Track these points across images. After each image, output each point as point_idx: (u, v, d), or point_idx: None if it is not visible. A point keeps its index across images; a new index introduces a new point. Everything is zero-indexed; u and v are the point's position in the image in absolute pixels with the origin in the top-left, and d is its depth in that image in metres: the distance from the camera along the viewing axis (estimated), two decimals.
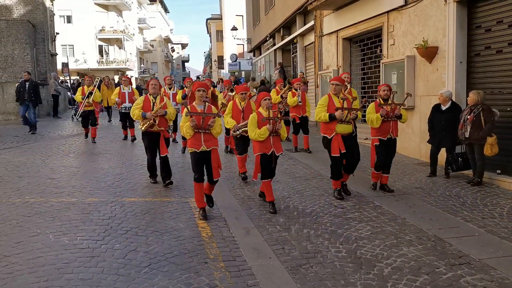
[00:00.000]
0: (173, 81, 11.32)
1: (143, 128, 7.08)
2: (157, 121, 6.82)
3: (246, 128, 6.51)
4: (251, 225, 5.32)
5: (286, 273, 4.01)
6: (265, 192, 5.93)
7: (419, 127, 8.96)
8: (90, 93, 11.62)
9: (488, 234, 4.88)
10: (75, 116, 17.35)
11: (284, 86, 10.91)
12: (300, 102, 9.86)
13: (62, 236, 4.95)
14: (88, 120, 11.79)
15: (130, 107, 10.84)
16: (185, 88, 9.89)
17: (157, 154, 7.17)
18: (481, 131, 6.61)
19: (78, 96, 11.97)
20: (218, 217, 5.64)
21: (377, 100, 6.57)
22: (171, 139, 8.07)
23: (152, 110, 6.89)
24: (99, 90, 13.28)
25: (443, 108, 7.31)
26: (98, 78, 13.66)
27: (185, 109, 5.41)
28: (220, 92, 11.07)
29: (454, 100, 7.54)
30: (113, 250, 4.55)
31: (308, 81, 16.16)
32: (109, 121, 16.94)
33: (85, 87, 11.89)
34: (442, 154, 7.54)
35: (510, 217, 5.42)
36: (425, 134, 8.00)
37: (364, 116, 7.46)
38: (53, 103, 19.53)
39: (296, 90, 9.91)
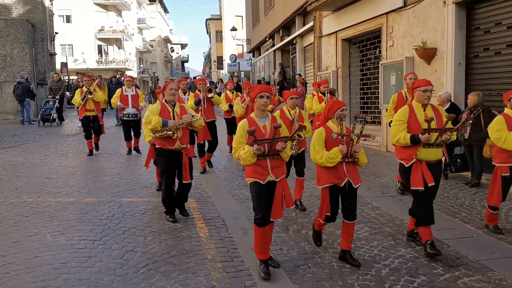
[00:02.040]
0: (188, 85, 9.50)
1: (149, 138, 5.60)
2: (177, 135, 5.24)
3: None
4: (249, 225, 5.30)
5: (284, 273, 4.00)
6: (315, 226, 4.48)
7: None
8: (89, 92, 9.65)
9: (486, 236, 4.88)
10: (42, 121, 15.64)
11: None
12: None
13: (60, 236, 4.94)
14: (91, 128, 9.88)
15: (134, 114, 9.53)
16: (197, 92, 8.25)
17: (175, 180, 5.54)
18: (480, 133, 6.61)
19: (76, 99, 9.75)
20: (216, 217, 5.63)
21: (505, 111, 4.93)
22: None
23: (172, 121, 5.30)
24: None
25: None
26: (98, 77, 11.59)
27: (239, 124, 4.02)
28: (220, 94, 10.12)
29: (452, 101, 7.54)
30: (110, 250, 4.55)
31: (307, 82, 16.17)
32: None
33: (84, 88, 9.82)
34: None
35: (508, 219, 5.42)
36: None
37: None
38: None
39: (323, 94, 8.34)
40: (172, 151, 5.28)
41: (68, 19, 40.19)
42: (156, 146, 5.41)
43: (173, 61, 72.09)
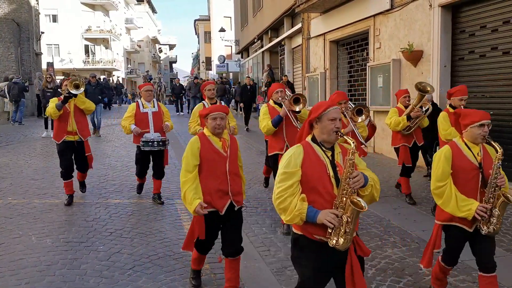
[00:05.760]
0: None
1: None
2: (339, 242, 2.58)
3: None
4: None
5: (272, 275, 4.01)
6: None
7: None
8: (69, 96, 6.03)
9: None
10: None
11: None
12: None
13: (45, 238, 4.88)
14: (72, 163, 6.31)
15: (161, 141, 6.05)
16: (272, 104, 5.41)
17: None
18: None
19: (50, 109, 6.01)
20: None
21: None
22: None
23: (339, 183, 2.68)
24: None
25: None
26: (80, 78, 6.59)
27: None
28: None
29: (438, 103, 7.62)
30: (96, 252, 4.50)
31: (293, 83, 16.21)
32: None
33: (62, 97, 6.25)
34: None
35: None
36: None
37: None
38: (38, 102, 19.28)
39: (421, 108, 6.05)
40: (326, 245, 2.58)
41: (54, 18, 39.73)
42: (295, 231, 2.76)
43: (161, 62, 71.72)
